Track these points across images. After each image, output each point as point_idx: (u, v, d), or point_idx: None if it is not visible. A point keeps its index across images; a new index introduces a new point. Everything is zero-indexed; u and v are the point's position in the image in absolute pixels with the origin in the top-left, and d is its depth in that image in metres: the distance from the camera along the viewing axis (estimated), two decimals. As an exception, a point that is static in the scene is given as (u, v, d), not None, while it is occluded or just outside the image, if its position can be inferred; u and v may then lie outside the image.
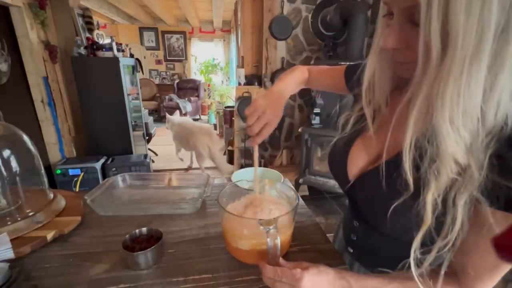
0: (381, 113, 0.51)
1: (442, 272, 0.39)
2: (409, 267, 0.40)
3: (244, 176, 0.75)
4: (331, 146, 0.61)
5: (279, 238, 0.44)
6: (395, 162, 0.41)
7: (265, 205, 0.58)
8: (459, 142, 0.34)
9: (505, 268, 0.38)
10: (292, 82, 0.72)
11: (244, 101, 2.76)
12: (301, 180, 2.53)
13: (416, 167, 0.39)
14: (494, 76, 0.32)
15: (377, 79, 0.49)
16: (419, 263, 0.40)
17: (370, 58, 0.49)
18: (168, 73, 6.76)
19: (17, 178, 0.72)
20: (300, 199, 0.61)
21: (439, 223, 0.38)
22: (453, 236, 0.36)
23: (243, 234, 0.53)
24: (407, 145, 0.38)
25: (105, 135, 2.53)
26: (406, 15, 0.36)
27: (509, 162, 0.33)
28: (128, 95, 2.56)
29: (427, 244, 0.39)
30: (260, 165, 3.02)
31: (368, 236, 0.58)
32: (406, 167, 0.39)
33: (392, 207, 0.41)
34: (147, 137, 3.18)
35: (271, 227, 0.44)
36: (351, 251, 0.63)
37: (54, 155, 2.33)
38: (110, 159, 2.47)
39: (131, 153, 2.66)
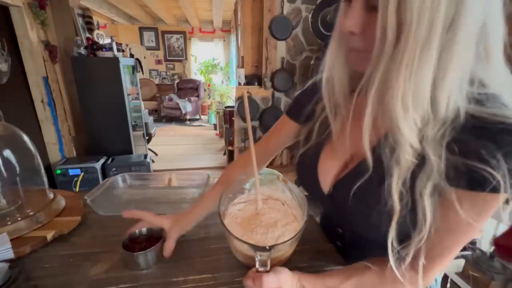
0: (341, 115, 0.50)
1: (421, 264, 0.40)
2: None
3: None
4: (297, 160, 0.60)
5: (269, 266, 0.42)
6: (367, 162, 0.42)
7: (272, 215, 0.56)
8: (411, 124, 0.36)
9: (456, 251, 0.41)
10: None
11: (243, 101, 2.76)
12: (301, 180, 2.53)
13: (378, 154, 0.41)
14: (444, 67, 0.33)
15: (336, 73, 0.48)
16: (399, 260, 0.41)
17: (330, 49, 0.47)
18: (168, 73, 6.75)
19: (17, 178, 0.72)
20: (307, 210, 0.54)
21: (414, 216, 0.39)
22: (427, 229, 0.38)
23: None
24: (367, 123, 0.39)
25: (105, 135, 2.53)
26: (363, 1, 0.36)
27: (466, 144, 0.35)
28: (128, 95, 2.56)
29: (405, 240, 0.41)
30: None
31: (354, 241, 0.58)
32: (366, 149, 0.40)
33: (355, 188, 0.43)
34: (147, 137, 3.18)
35: (264, 254, 0.41)
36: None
37: (54, 155, 2.33)
38: (110, 159, 2.47)
39: (131, 153, 2.66)
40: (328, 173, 0.53)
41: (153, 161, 3.18)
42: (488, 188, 0.34)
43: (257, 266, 0.42)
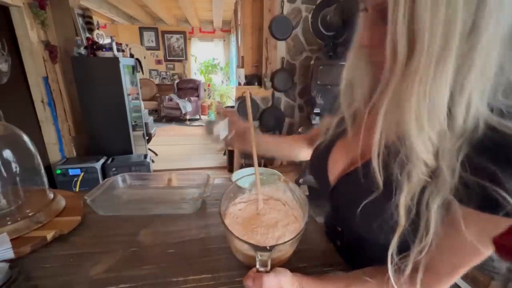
0: (361, 116, 0.51)
1: (419, 279, 0.39)
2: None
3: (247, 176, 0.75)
4: (313, 150, 0.61)
5: (269, 266, 0.42)
6: (370, 164, 0.41)
7: (272, 215, 0.56)
8: (426, 143, 0.34)
9: (464, 269, 0.38)
10: None
11: (244, 101, 2.76)
12: (301, 180, 2.53)
13: (388, 168, 0.39)
14: (462, 78, 0.31)
15: (356, 79, 0.48)
16: (398, 271, 0.39)
17: (350, 57, 0.48)
18: (168, 73, 6.75)
19: (17, 178, 0.72)
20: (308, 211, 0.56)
21: (416, 227, 0.37)
22: (429, 240, 0.36)
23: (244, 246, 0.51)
24: (376, 143, 0.38)
25: (105, 135, 2.53)
26: (378, 11, 0.35)
27: (481, 161, 0.32)
28: (128, 95, 2.56)
29: (405, 250, 0.39)
30: (260, 165, 3.02)
31: (352, 241, 0.57)
32: (375, 165, 0.39)
33: (362, 205, 0.41)
34: (147, 137, 3.17)
35: (265, 254, 0.42)
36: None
37: (54, 155, 2.33)
38: (110, 159, 2.47)
39: (131, 153, 2.66)
40: (337, 165, 0.53)
41: (153, 161, 3.18)
42: (502, 213, 0.31)
43: (257, 266, 0.42)
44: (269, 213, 0.57)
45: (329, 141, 0.56)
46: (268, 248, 0.41)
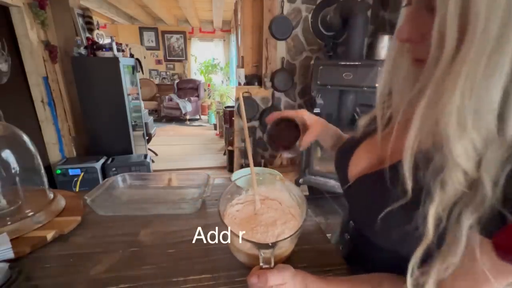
0: (395, 118, 0.47)
1: None
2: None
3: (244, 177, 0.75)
4: (342, 143, 0.61)
5: (273, 263, 0.42)
6: (397, 168, 0.38)
7: (270, 214, 0.57)
8: (467, 148, 0.29)
9: None
10: None
11: (244, 100, 2.76)
12: (301, 180, 2.53)
13: (419, 175, 0.35)
14: None
15: (397, 79, 0.44)
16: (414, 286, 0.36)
17: (391, 56, 0.44)
18: (168, 73, 6.75)
19: (17, 178, 0.72)
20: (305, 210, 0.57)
21: (441, 243, 0.34)
22: (454, 259, 0.32)
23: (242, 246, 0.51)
24: (409, 145, 0.34)
25: (105, 135, 2.53)
26: (424, 0, 0.32)
27: (508, 185, 0.28)
28: (128, 95, 2.56)
29: (425, 265, 0.36)
30: (260, 165, 3.02)
31: (360, 239, 0.57)
32: (406, 169, 0.35)
33: (385, 211, 0.38)
34: (147, 137, 3.18)
35: (268, 251, 0.42)
36: (341, 248, 0.63)
37: (54, 155, 2.33)
38: (110, 159, 2.47)
39: (131, 153, 2.66)
40: (358, 163, 0.51)
41: (153, 161, 3.19)
42: None
43: (260, 263, 0.43)
44: (266, 213, 0.58)
45: (357, 138, 0.55)
46: (270, 244, 0.41)
